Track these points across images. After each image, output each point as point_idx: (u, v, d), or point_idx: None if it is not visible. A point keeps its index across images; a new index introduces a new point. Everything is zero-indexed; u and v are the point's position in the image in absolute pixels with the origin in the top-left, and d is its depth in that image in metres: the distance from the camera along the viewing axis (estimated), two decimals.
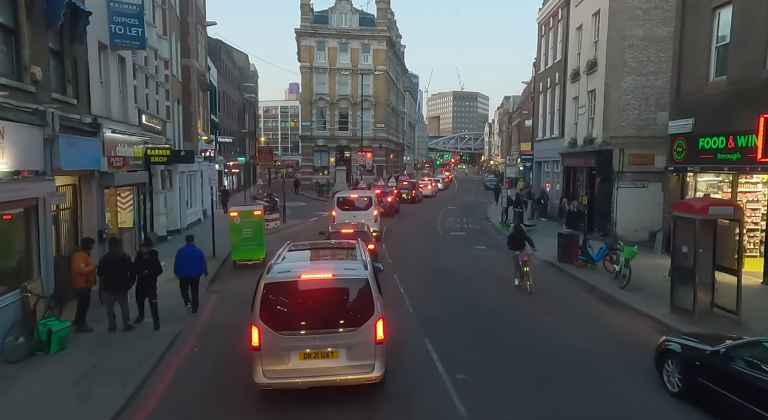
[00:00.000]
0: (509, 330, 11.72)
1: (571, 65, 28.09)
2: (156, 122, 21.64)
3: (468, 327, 11.93)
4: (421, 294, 14.76)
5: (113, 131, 15.23)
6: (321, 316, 7.89)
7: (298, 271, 8.02)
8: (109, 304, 11.23)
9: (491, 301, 14.12)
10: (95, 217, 14.26)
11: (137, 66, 19.66)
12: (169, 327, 11.70)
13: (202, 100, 34.10)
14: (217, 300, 14.57)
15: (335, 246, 10.79)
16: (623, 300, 13.79)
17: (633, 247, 15.07)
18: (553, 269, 18.47)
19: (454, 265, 19.05)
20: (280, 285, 7.96)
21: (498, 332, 11.54)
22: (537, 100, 36.96)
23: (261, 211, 18.76)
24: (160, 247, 21.92)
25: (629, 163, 23.07)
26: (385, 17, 62.86)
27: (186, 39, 29.18)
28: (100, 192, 14.62)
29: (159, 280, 15.91)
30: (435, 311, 13.13)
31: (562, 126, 30.08)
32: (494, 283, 16.40)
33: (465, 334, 11.44)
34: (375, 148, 61.88)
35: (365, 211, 23.79)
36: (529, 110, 55.87)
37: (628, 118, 23.22)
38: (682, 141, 18.08)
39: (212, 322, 12.53)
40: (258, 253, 18.36)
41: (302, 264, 8.73)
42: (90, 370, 9.12)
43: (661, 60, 22.77)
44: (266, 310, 7.80)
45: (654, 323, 12.04)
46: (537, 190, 33.38)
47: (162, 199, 23.67)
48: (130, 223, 18.23)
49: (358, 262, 8.64)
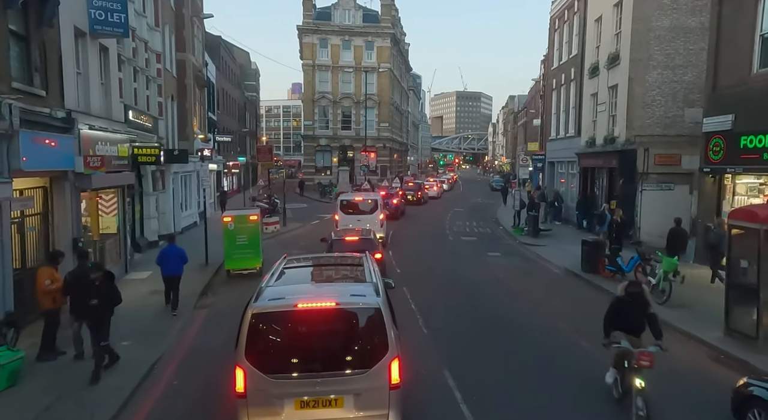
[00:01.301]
0: (541, 358, 10.10)
1: (588, 60, 26.44)
2: (146, 119, 20.08)
3: (495, 355, 10.30)
4: (435, 310, 13.15)
5: (91, 128, 13.65)
6: (322, 355, 6.31)
7: (293, 298, 6.42)
8: (76, 327, 9.64)
9: (516, 319, 12.49)
10: (70, 223, 12.69)
11: (124, 57, 18.08)
12: (146, 352, 10.13)
13: (199, 97, 32.55)
14: (207, 317, 12.99)
15: (339, 261, 9.17)
16: (665, 318, 12.00)
17: (673, 259, 13.43)
18: (578, 280, 16.84)
19: (468, 275, 17.44)
20: (272, 316, 6.37)
21: (530, 361, 9.92)
22: (549, 97, 35.31)
23: (257, 215, 17.15)
24: (151, 253, 20.55)
25: (654, 164, 21.47)
26: (389, 14, 61.28)
27: (181, 32, 27.61)
28: (75, 195, 13.04)
29: (141, 293, 14.48)
30: (453, 332, 11.52)
31: (578, 124, 28.42)
32: (515, 297, 14.78)
33: (492, 364, 9.83)
34: (379, 147, 60.28)
35: (370, 215, 22.19)
36: (536, 109, 54.31)
37: (653, 116, 21.59)
38: (719, 139, 16.43)
39: (198, 344, 10.96)
40: (254, 262, 16.78)
41: (299, 288, 7.12)
42: (40, 415, 7.53)
43: (690, 52, 21.16)
44: (254, 348, 6.22)
45: (707, 349, 10.42)
46: (550, 192, 31.71)
47: (153, 201, 22.12)
48: (115, 229, 16.64)
49: (367, 284, 7.03)
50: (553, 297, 14.83)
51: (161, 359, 9.97)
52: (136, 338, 10.84)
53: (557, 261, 19.47)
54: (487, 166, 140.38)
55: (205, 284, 15.80)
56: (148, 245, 21.45)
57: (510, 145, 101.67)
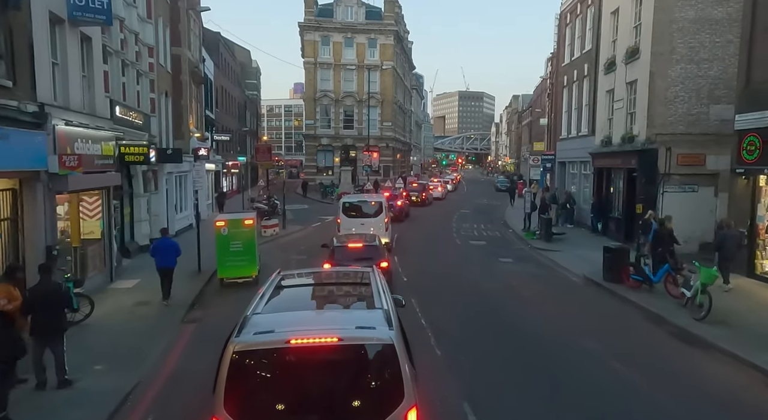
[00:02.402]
0: (574, 385, 8.81)
1: (604, 55, 25.09)
2: (135, 116, 18.82)
3: (521, 382, 9.01)
4: (447, 326, 11.86)
5: (69, 123, 12.38)
6: (321, 405, 5.03)
7: (285, 332, 5.12)
8: (38, 352, 8.36)
9: (538, 337, 11.18)
10: (42, 229, 11.42)
11: (110, 49, 16.84)
12: (121, 378, 8.84)
13: (196, 94, 31.28)
14: (194, 333, 11.71)
15: (341, 279, 7.84)
16: (706, 337, 10.83)
17: (711, 269, 12.08)
18: (599, 290, 15.53)
19: (481, 283, 16.14)
20: (258, 354, 5.08)
21: (562, 389, 8.62)
22: (559, 95, 33.96)
23: (253, 220, 15.86)
24: (141, 259, 19.30)
25: (677, 164, 20.07)
26: (392, 10, 59.94)
27: (176, 26, 26.35)
28: (49, 198, 11.77)
29: (125, 305, 13.24)
30: (470, 353, 10.23)
31: (592, 123, 27.08)
32: (534, 309, 13.49)
33: (518, 394, 8.54)
34: (381, 147, 58.94)
35: (374, 219, 20.87)
36: (543, 108, 52.96)
37: (676, 113, 20.25)
38: (754, 138, 15.11)
39: (181, 368, 9.67)
40: (249, 270, 15.52)
41: (293, 317, 5.80)
42: None
43: (716, 45, 19.83)
44: (235, 395, 4.93)
45: (762, 376, 9.11)
46: (561, 194, 30.37)
47: (144, 203, 20.87)
48: (98, 234, 15.37)
49: (376, 311, 5.72)
50: (576, 310, 13.53)
51: (138, 387, 8.68)
52: (111, 361, 9.57)
53: (575, 268, 18.18)
54: (491, 166, 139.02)
55: (196, 294, 14.53)
56: (138, 250, 20.18)
57: (514, 145, 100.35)
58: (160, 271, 13.71)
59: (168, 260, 13.66)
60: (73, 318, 11.38)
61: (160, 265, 13.68)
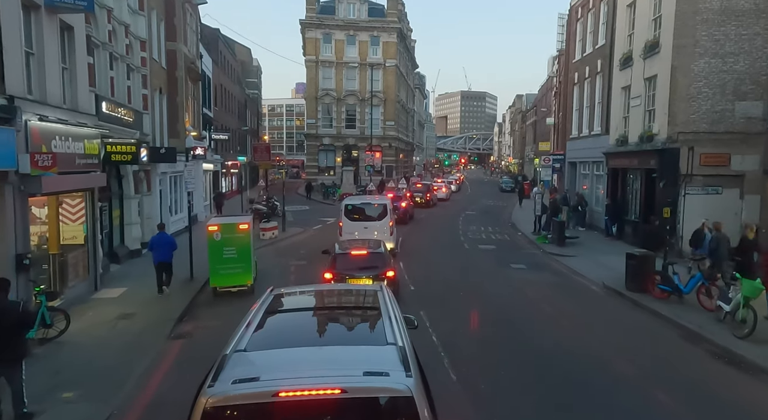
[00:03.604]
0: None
1: (619, 49, 23.89)
2: (125, 112, 17.68)
3: (548, 416, 7.86)
4: (462, 345, 10.69)
5: (44, 119, 11.24)
6: None
7: (273, 380, 3.96)
8: None
9: (563, 360, 9.99)
10: (12, 235, 10.30)
11: (97, 40, 15.73)
12: (92, 408, 7.74)
13: (193, 91, 30.13)
14: (181, 351, 10.55)
15: (344, 301, 6.66)
16: (754, 360, 9.63)
17: (755, 281, 10.89)
18: (623, 301, 14.35)
19: (494, 294, 14.97)
20: (238, 411, 3.93)
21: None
22: (569, 93, 32.74)
23: (248, 224, 14.68)
24: (131, 264, 18.18)
25: (700, 165, 18.95)
26: (395, 8, 58.75)
27: (171, 19, 25.18)
28: (21, 201, 10.65)
29: (108, 318, 12.18)
30: (490, 379, 9.04)
31: (606, 121, 25.87)
32: (555, 324, 12.28)
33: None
34: (384, 147, 57.77)
35: (379, 222, 19.67)
36: (549, 107, 51.72)
37: (699, 110, 19.05)
38: None
39: (161, 394, 8.48)
40: (244, 278, 14.36)
41: (284, 355, 4.59)
42: None
43: (743, 38, 18.65)
44: None
45: None
46: (572, 195, 29.15)
47: (135, 205, 19.72)
48: (82, 239, 14.24)
49: (389, 348, 4.52)
50: (601, 325, 12.34)
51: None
52: (83, 386, 8.44)
53: (593, 276, 17.01)
54: (494, 166, 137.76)
55: (186, 305, 13.37)
56: (129, 255, 19.08)
57: (518, 145, 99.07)
58: (158, 267, 14.22)
59: (166, 255, 14.21)
60: (46, 335, 10.31)
61: (158, 260, 14.17)
